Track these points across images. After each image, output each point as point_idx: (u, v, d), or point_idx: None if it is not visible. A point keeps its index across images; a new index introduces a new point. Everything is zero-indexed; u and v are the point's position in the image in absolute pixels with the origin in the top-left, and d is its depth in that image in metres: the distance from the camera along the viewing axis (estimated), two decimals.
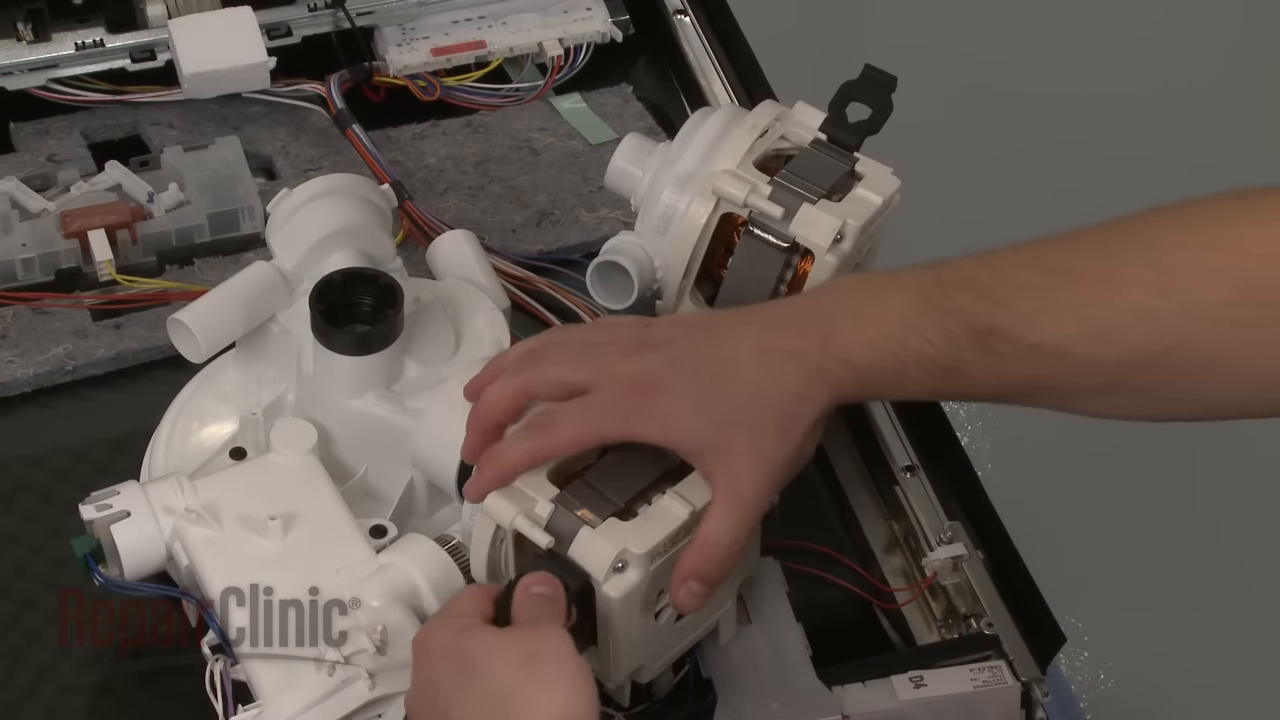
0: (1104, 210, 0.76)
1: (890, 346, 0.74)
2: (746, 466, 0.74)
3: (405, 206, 1.08)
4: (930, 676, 0.84)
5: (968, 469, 0.97)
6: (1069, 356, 0.72)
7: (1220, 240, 0.71)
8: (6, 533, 0.93)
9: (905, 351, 0.74)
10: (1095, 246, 0.73)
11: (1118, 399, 0.74)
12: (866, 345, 0.75)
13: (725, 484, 0.74)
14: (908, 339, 0.74)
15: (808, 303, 0.78)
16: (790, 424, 0.75)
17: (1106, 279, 0.72)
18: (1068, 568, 1.40)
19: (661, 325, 0.79)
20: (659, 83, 1.24)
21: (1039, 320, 0.72)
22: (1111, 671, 1.76)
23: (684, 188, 0.94)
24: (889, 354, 0.74)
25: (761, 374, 0.75)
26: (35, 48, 1.13)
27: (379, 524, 0.84)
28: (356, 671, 0.75)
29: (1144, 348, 0.71)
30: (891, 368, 0.75)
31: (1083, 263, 0.73)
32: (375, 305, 0.87)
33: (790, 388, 0.75)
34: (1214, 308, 0.70)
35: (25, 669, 0.87)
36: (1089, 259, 0.73)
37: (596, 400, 0.75)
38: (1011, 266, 0.74)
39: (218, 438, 0.91)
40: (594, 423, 0.75)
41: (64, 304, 1.02)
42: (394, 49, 1.19)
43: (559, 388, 0.77)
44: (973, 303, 0.73)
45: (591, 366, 0.76)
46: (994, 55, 2.23)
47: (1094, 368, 0.72)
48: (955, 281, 0.74)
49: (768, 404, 0.74)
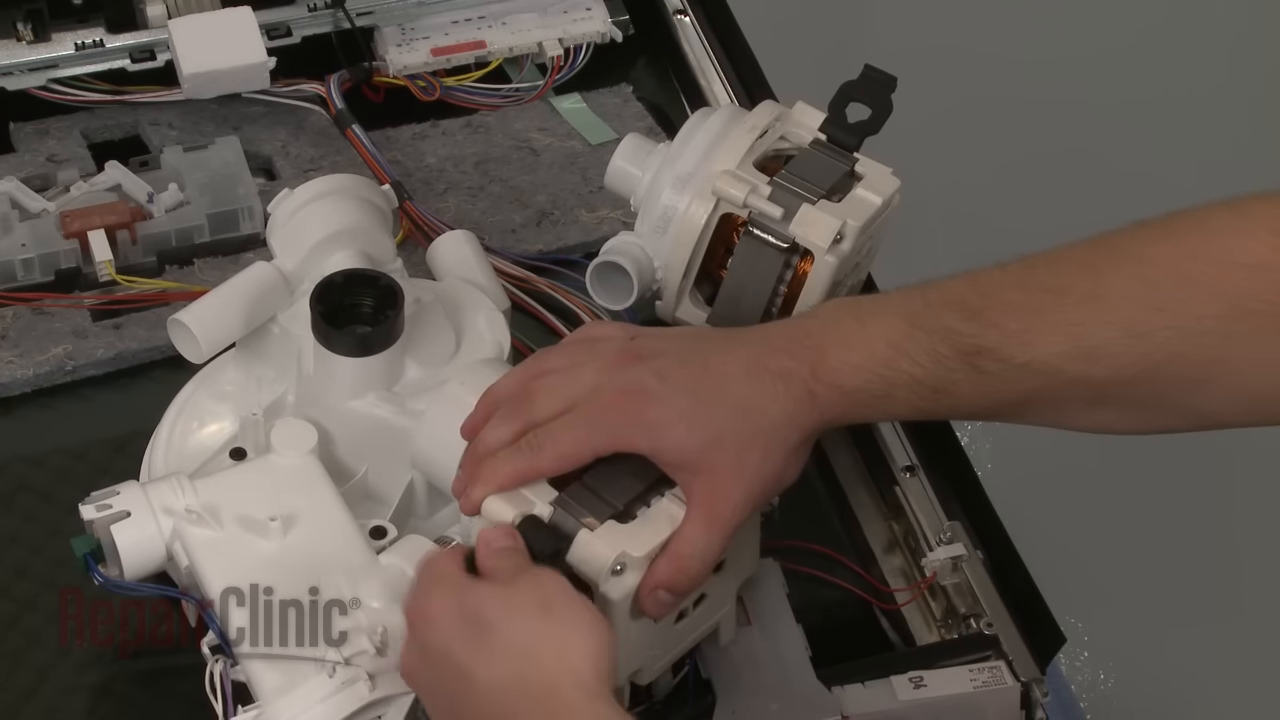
0: (1103, 210, 0.76)
1: (878, 369, 0.74)
2: (726, 485, 0.74)
3: (405, 207, 1.08)
4: (930, 677, 0.84)
5: (967, 469, 0.97)
6: (1059, 374, 0.72)
7: (1207, 252, 0.70)
8: (6, 533, 0.93)
9: (893, 374, 0.74)
10: (1083, 264, 0.73)
11: (1109, 413, 0.74)
12: (854, 368, 0.74)
13: (704, 500, 0.74)
14: (896, 361, 0.74)
15: (796, 326, 0.78)
16: (775, 445, 0.75)
17: (1094, 296, 0.71)
18: (1068, 568, 1.40)
19: (648, 338, 0.79)
20: (659, 83, 1.24)
21: (1028, 339, 0.72)
22: (1111, 671, 1.76)
23: (684, 188, 0.94)
24: (877, 376, 0.74)
25: (750, 393, 0.75)
26: (35, 48, 1.13)
27: (379, 525, 0.84)
28: (357, 673, 0.75)
29: (1134, 364, 0.71)
30: (880, 390, 0.74)
31: (1071, 280, 0.72)
32: (376, 306, 0.87)
33: (778, 409, 0.75)
34: (1202, 321, 0.70)
35: (25, 669, 0.87)
36: (1077, 276, 0.72)
37: (585, 414, 0.75)
38: (999, 286, 0.74)
39: (218, 438, 0.91)
40: (585, 440, 0.75)
41: (64, 304, 1.02)
42: (394, 49, 1.19)
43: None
44: (961, 323, 0.73)
45: (581, 390, 0.76)
46: (994, 56, 2.23)
47: (1084, 384, 0.72)
48: (943, 302, 0.74)
49: (755, 423, 0.74)
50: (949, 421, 0.99)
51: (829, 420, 0.76)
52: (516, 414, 0.77)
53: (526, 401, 0.77)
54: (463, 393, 0.83)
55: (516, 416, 0.77)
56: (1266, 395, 0.71)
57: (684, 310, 0.97)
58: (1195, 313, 0.70)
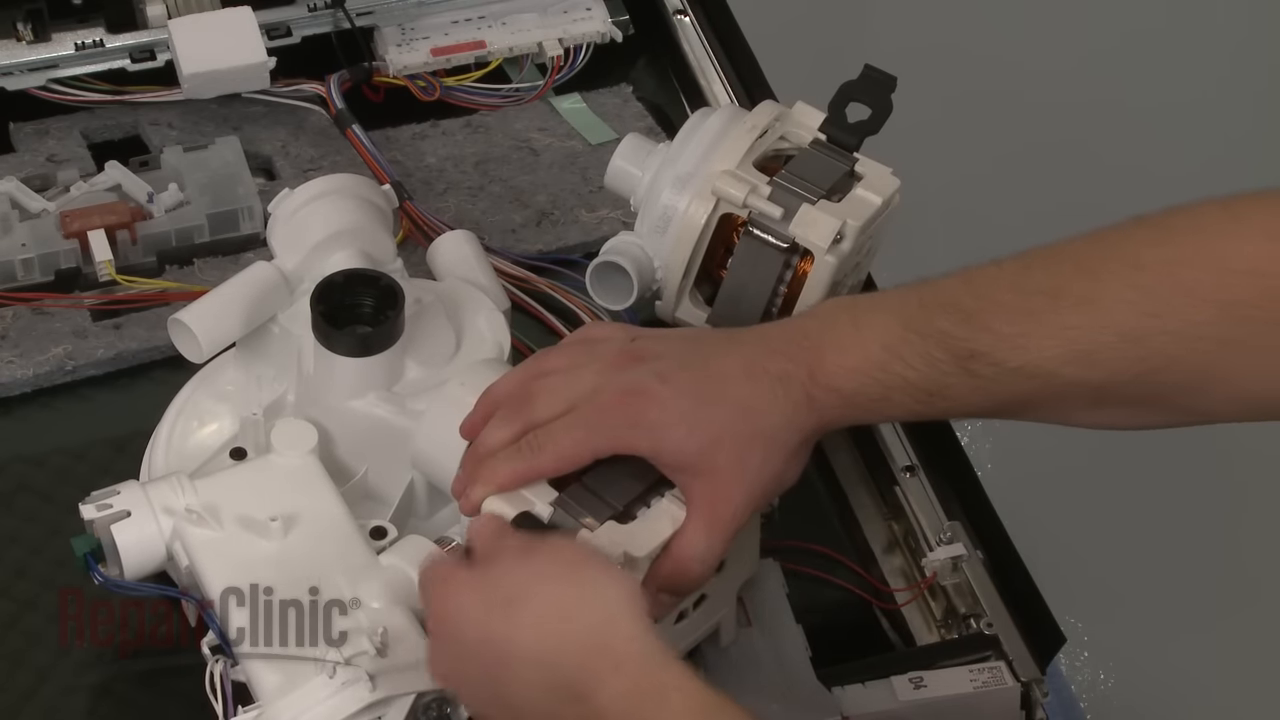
0: (1102, 210, 0.76)
1: (874, 372, 0.74)
2: (727, 487, 0.74)
3: (405, 206, 1.08)
4: (930, 677, 0.84)
5: (967, 469, 0.97)
6: (1055, 378, 0.72)
7: (1201, 257, 0.70)
8: (6, 533, 0.93)
9: (889, 377, 0.74)
10: (1079, 265, 0.73)
11: (1109, 413, 0.74)
12: (851, 371, 0.74)
13: (704, 502, 0.74)
14: (890, 364, 0.74)
15: (794, 327, 0.78)
16: (775, 447, 0.75)
17: (1089, 300, 0.71)
18: (1068, 568, 1.40)
19: (648, 339, 0.79)
20: (659, 83, 1.24)
21: (1022, 344, 0.72)
22: (1111, 671, 1.76)
23: (684, 188, 0.94)
24: (873, 380, 0.74)
25: (750, 395, 0.75)
26: (35, 48, 1.13)
27: (379, 525, 0.84)
28: (357, 673, 0.75)
29: (1129, 368, 0.71)
30: (877, 393, 0.74)
31: (1066, 282, 0.72)
32: (376, 306, 0.87)
33: (778, 411, 0.74)
34: (1197, 327, 0.69)
35: (25, 669, 0.86)
36: (1072, 279, 0.72)
37: (586, 415, 0.75)
38: (995, 287, 0.74)
39: (218, 438, 0.91)
40: (585, 442, 0.75)
41: (64, 304, 1.02)
42: (394, 49, 1.18)
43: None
44: (955, 327, 0.73)
45: (581, 391, 0.76)
46: (994, 56, 2.23)
47: (1082, 387, 0.72)
48: (937, 304, 0.74)
49: (755, 425, 0.74)
50: (949, 421, 0.99)
51: (828, 423, 0.76)
52: (516, 415, 0.77)
53: (527, 402, 0.77)
54: (463, 393, 0.83)
55: (516, 418, 0.77)
56: (1264, 396, 0.71)
57: (684, 310, 0.97)
58: (1190, 319, 0.70)
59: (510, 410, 0.78)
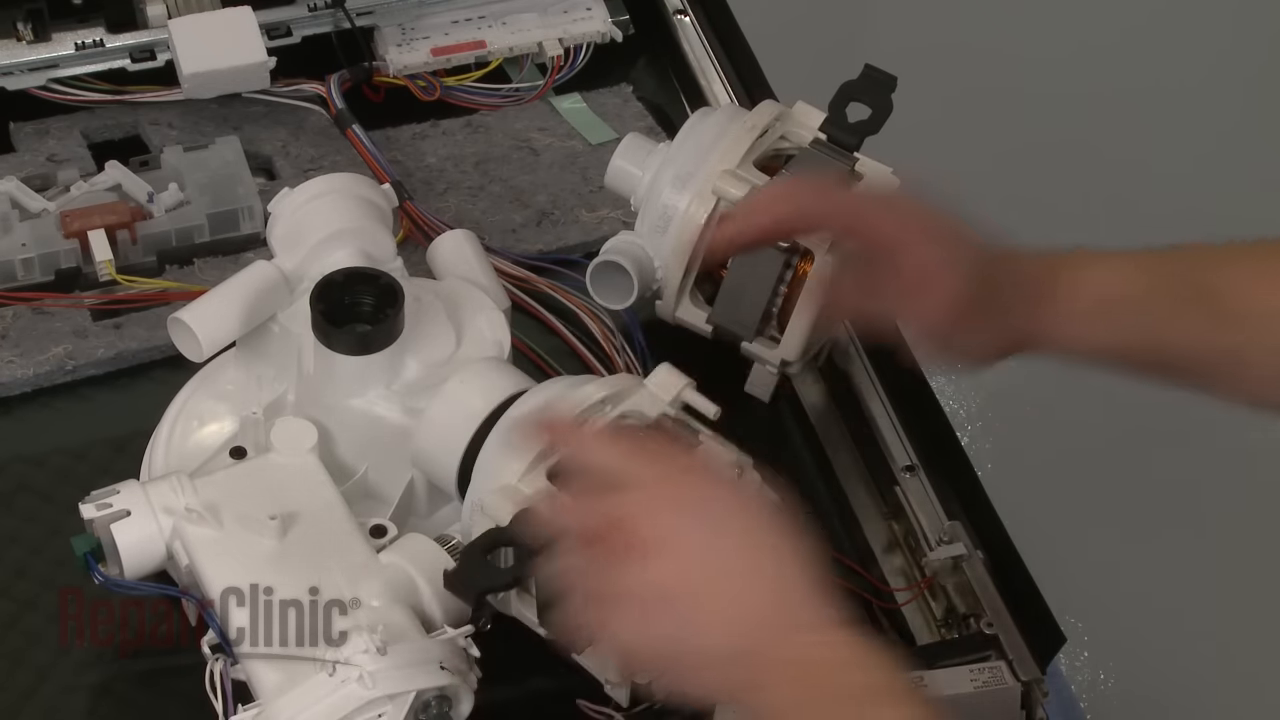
0: (1103, 209, 0.76)
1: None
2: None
3: (405, 206, 1.08)
4: (930, 677, 0.84)
5: (968, 469, 0.97)
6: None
7: None
8: (6, 533, 0.93)
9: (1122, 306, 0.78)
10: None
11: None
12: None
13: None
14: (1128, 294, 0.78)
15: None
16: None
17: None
18: (1068, 568, 1.39)
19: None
20: (659, 83, 1.24)
21: (1254, 288, 0.75)
22: (1111, 671, 1.76)
23: (684, 188, 0.94)
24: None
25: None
26: (35, 48, 1.13)
27: (379, 524, 0.84)
28: (357, 672, 0.75)
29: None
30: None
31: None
32: (376, 305, 0.87)
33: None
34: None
35: (25, 669, 0.86)
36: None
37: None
38: (1227, 250, 0.78)
39: (218, 437, 0.91)
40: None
41: (64, 304, 1.02)
42: (394, 49, 1.19)
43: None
44: (1189, 270, 0.77)
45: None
46: (993, 55, 2.23)
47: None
48: (1171, 254, 0.78)
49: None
50: (949, 421, 0.99)
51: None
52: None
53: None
54: (463, 392, 0.83)
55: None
56: None
57: (684, 310, 0.97)
58: None
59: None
